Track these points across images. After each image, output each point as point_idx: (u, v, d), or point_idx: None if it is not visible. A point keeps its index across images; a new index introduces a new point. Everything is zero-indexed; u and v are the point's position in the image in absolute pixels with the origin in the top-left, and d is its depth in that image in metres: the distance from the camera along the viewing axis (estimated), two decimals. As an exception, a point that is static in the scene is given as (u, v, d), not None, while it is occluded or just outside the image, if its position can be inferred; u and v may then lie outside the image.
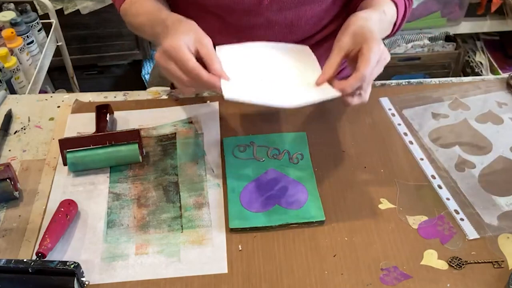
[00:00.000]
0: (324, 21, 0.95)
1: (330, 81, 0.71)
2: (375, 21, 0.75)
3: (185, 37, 0.69)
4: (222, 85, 0.67)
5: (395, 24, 0.86)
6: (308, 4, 0.89)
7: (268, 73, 0.75)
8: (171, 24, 0.73)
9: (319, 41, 0.98)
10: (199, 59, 0.69)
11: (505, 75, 1.01)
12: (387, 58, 0.71)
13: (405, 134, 0.87)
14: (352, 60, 0.72)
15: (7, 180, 0.74)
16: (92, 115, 0.86)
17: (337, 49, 0.72)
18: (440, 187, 0.78)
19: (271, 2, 0.86)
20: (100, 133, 0.82)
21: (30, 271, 0.64)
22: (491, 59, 2.10)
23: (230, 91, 0.66)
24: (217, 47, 0.80)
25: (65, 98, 0.94)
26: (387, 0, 0.84)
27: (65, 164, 0.80)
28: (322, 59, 0.98)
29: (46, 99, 0.95)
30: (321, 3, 0.90)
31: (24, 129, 0.88)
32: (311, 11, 0.90)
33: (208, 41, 0.71)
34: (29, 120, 0.90)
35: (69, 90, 1.93)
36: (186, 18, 0.75)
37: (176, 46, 0.67)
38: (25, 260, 0.65)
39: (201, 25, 0.93)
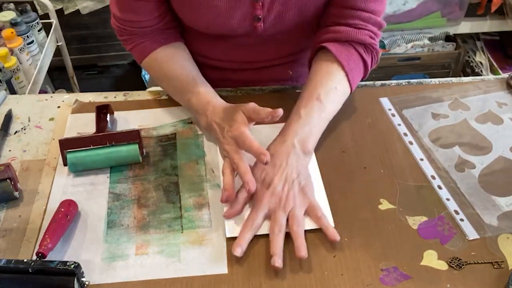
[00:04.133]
0: (311, 32, 0.95)
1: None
2: (294, 139, 0.77)
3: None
4: (226, 224, 0.72)
5: (351, 87, 0.86)
6: (300, 29, 0.90)
7: None
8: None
9: (306, 49, 0.98)
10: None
11: (505, 75, 1.01)
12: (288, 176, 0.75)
13: (405, 134, 0.87)
14: None
15: (7, 180, 0.74)
16: (92, 115, 0.86)
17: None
18: (440, 187, 0.79)
19: (265, 29, 0.87)
20: (100, 134, 0.82)
21: (30, 271, 0.64)
22: (491, 59, 2.10)
23: (232, 230, 0.72)
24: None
25: (65, 98, 0.94)
26: (335, 75, 0.83)
27: (65, 164, 0.80)
28: (306, 66, 0.97)
29: (46, 99, 0.95)
30: (310, 23, 0.91)
31: (24, 129, 0.88)
32: (302, 31, 0.92)
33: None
34: (29, 120, 0.90)
35: (69, 90, 1.93)
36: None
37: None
38: (25, 260, 0.65)
39: (199, 41, 0.94)
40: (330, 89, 0.82)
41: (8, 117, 0.90)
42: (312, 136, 0.79)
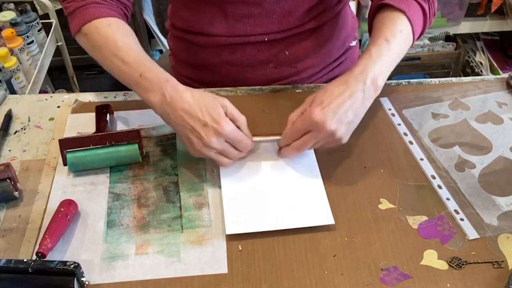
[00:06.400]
0: (319, 9, 0.96)
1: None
2: (360, 78, 0.78)
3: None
4: (226, 221, 0.72)
5: (413, 35, 0.86)
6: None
7: (269, 193, 0.78)
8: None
9: (314, 28, 0.98)
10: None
11: (505, 75, 1.01)
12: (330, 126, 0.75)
13: (405, 134, 0.87)
14: None
15: (7, 180, 0.74)
16: (92, 115, 0.86)
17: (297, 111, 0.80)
18: (440, 187, 0.79)
19: None
20: (100, 133, 0.82)
21: (30, 271, 0.64)
22: (491, 59, 2.10)
23: (232, 227, 0.72)
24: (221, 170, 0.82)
25: (65, 98, 0.94)
26: (399, 20, 0.84)
27: (65, 164, 0.80)
28: (316, 47, 0.98)
29: (46, 99, 0.95)
30: None
31: (24, 129, 0.88)
32: (308, 2, 0.92)
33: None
34: (29, 120, 0.90)
35: (69, 90, 1.93)
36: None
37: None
38: (25, 260, 0.65)
39: (200, 14, 0.94)
40: (396, 31, 0.84)
41: (8, 117, 0.90)
42: (382, 73, 0.81)
